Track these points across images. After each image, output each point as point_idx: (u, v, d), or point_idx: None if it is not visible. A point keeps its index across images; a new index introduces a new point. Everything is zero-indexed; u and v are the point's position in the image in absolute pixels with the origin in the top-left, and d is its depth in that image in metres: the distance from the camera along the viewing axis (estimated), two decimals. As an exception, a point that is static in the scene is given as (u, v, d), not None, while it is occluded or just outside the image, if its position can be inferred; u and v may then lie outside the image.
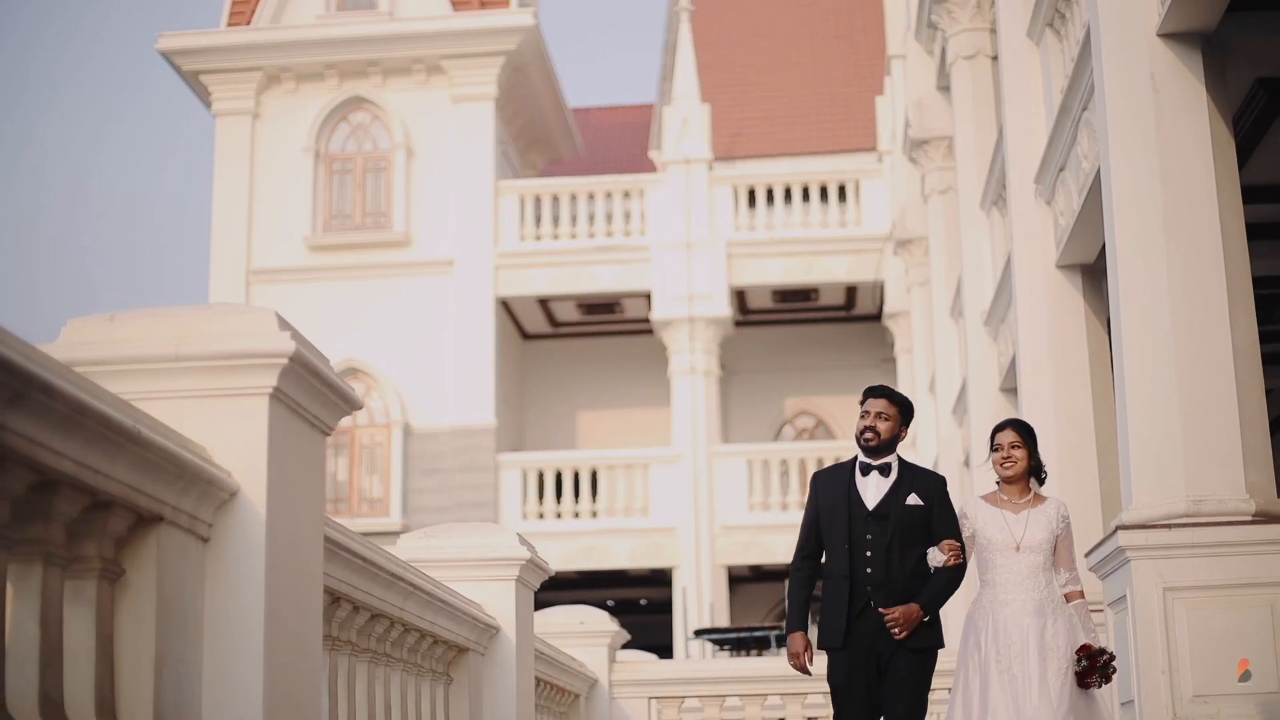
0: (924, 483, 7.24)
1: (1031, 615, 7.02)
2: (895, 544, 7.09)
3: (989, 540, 7.18)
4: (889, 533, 7.10)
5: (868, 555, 7.10)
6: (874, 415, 7.27)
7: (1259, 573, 7.97)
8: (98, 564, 3.89)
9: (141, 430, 3.78)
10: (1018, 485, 7.28)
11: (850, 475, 7.29)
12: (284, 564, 4.51)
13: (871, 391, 7.36)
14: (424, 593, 6.65)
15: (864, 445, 7.27)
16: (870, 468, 7.26)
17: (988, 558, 7.20)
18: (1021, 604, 7.05)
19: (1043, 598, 7.06)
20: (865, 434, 7.25)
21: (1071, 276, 12.47)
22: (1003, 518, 7.18)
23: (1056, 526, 7.16)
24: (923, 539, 7.13)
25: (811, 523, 7.33)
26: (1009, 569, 7.10)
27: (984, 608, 7.17)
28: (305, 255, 27.76)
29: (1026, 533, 7.12)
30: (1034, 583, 7.08)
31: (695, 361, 27.53)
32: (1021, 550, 7.10)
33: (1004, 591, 7.11)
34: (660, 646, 26.67)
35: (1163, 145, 8.63)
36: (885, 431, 7.23)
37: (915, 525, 7.14)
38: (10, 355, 3.23)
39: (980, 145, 16.56)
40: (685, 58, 28.96)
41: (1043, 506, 7.22)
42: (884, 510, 7.15)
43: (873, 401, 7.30)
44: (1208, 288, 8.50)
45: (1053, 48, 12.37)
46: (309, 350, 4.49)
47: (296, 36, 28.00)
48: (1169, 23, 8.72)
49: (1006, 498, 7.28)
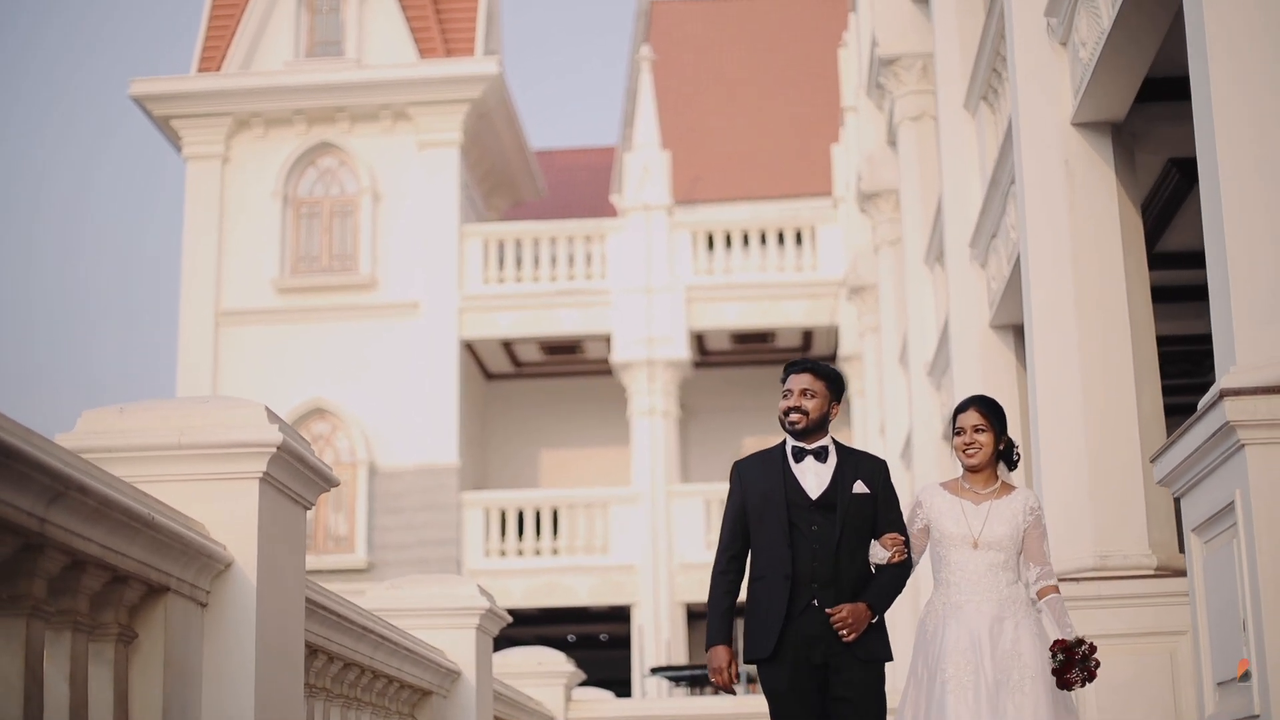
0: (868, 468, 6.42)
1: (989, 619, 6.20)
2: (844, 538, 6.26)
3: (943, 534, 6.38)
4: (837, 525, 6.26)
5: (815, 549, 6.24)
6: (798, 393, 6.39)
7: (1160, 623, 8.65)
8: (115, 629, 4.54)
9: (155, 517, 4.44)
10: (984, 473, 6.44)
11: (783, 462, 6.42)
12: (271, 624, 5.17)
13: (792, 367, 6.49)
14: (391, 642, 7.31)
15: (790, 428, 6.40)
16: (804, 453, 6.40)
17: (942, 554, 6.40)
18: (977, 606, 6.24)
19: (1003, 599, 6.25)
20: (791, 415, 6.38)
21: (1004, 336, 13.20)
22: (960, 509, 6.37)
23: (1023, 521, 6.33)
24: (866, 530, 6.35)
25: (737, 518, 6.45)
26: (964, 567, 6.30)
27: (937, 611, 6.36)
28: (273, 297, 28.37)
29: (986, 527, 6.31)
30: (992, 582, 6.27)
31: (654, 403, 28.24)
32: (979, 546, 6.30)
33: (959, 592, 6.31)
34: (620, 681, 27.35)
35: (1075, 226, 9.37)
36: (814, 410, 6.36)
37: (863, 516, 6.33)
38: (52, 462, 3.89)
39: (924, 203, 17.29)
40: (646, 106, 29.71)
41: (1009, 498, 6.38)
42: (829, 500, 6.31)
43: (795, 378, 6.44)
44: (1116, 358, 9.22)
45: (986, 120, 13.12)
46: (294, 439, 5.16)
47: (266, 83, 28.65)
48: (1082, 113, 9.46)
49: (969, 486, 6.46)
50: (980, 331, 13.35)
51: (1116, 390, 9.19)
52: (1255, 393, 5.24)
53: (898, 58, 17.72)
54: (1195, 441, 5.64)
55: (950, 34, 14.26)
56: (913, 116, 17.68)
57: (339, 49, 29.30)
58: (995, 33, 11.84)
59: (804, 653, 6.18)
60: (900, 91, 17.87)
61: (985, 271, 13.41)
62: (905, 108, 17.82)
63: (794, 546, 6.25)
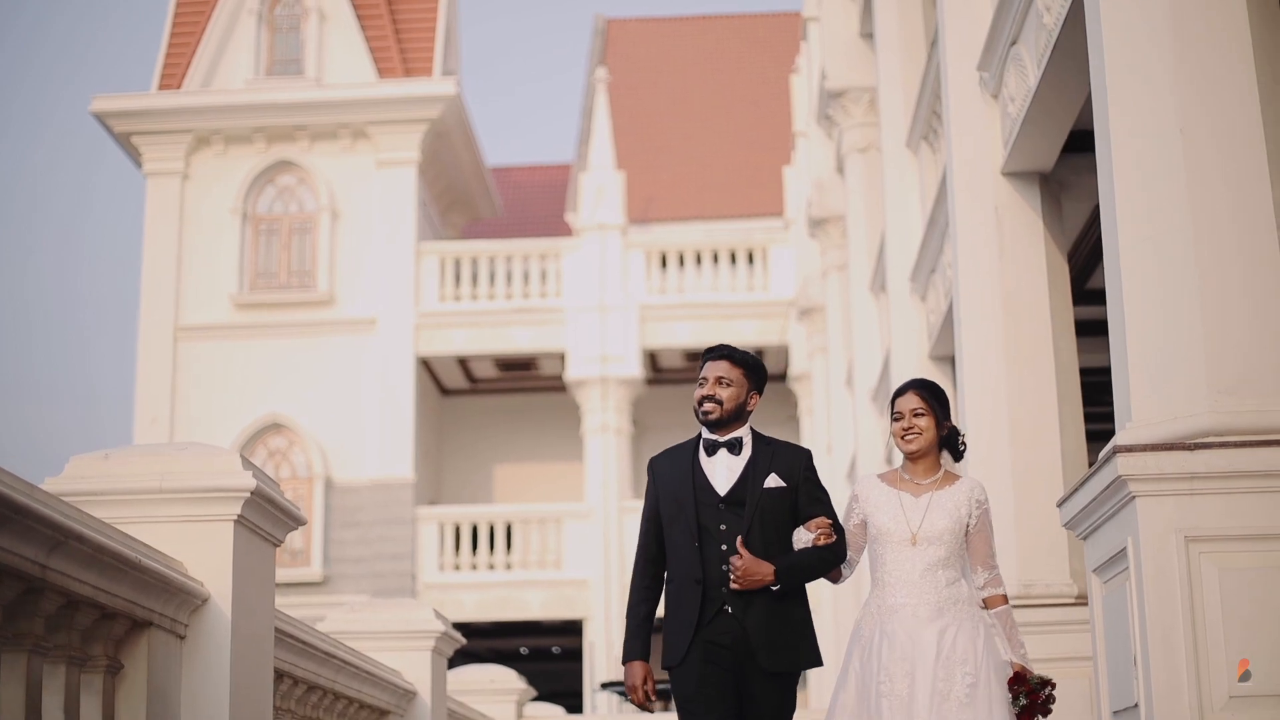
0: (785, 460, 5.93)
1: (928, 621, 5.72)
2: (755, 536, 5.79)
3: (879, 530, 5.89)
4: (746, 523, 5.80)
5: (722, 550, 5.80)
6: (713, 382, 5.94)
7: (1079, 649, 9.13)
8: (104, 661, 4.98)
9: (142, 560, 4.88)
10: (924, 461, 5.94)
11: (694, 456, 5.97)
12: (244, 653, 5.61)
13: (709, 353, 6.02)
14: (352, 666, 7.75)
15: (703, 418, 5.94)
16: (716, 445, 5.94)
17: (879, 552, 5.91)
18: (914, 609, 5.75)
19: (943, 599, 5.76)
20: (704, 405, 5.92)
21: (942, 367, 13.70)
22: (898, 502, 5.88)
23: (967, 514, 5.84)
24: (787, 527, 5.87)
25: (652, 518, 6.01)
26: (901, 565, 5.81)
27: (871, 614, 5.88)
28: (232, 313, 28.71)
29: (926, 520, 5.82)
30: (931, 582, 5.77)
31: (607, 420, 28.72)
32: (918, 542, 5.80)
33: (894, 594, 5.81)
34: (571, 694, 27.82)
35: (1004, 270, 9.88)
36: (729, 400, 5.91)
37: (778, 512, 5.85)
38: (53, 515, 4.33)
39: (870, 233, 17.79)
40: (601, 127, 30.20)
41: (951, 489, 5.89)
42: (738, 495, 5.85)
43: (711, 365, 5.99)
44: (1041, 397, 9.73)
45: (927, 159, 13.64)
46: (266, 483, 5.60)
47: (226, 101, 29.00)
48: (1011, 163, 9.97)
49: (908, 476, 5.96)
50: (920, 361, 13.85)
51: (1041, 427, 9.70)
52: (1145, 449, 5.75)
53: (845, 91, 18.22)
54: (1094, 491, 6.14)
55: (894, 74, 14.78)
56: (860, 148, 18.19)
57: (299, 68, 29.66)
58: (934, 77, 12.35)
59: (714, 660, 5.77)
60: (848, 123, 18.38)
61: (925, 304, 13.92)
62: (853, 139, 18.33)
63: (702, 547, 5.82)
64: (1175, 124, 6.13)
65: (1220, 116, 6.15)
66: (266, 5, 29.80)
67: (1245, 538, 5.68)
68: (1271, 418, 5.80)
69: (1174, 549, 5.69)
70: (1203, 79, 6.19)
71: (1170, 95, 6.18)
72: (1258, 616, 5.61)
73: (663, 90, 37.30)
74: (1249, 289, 5.98)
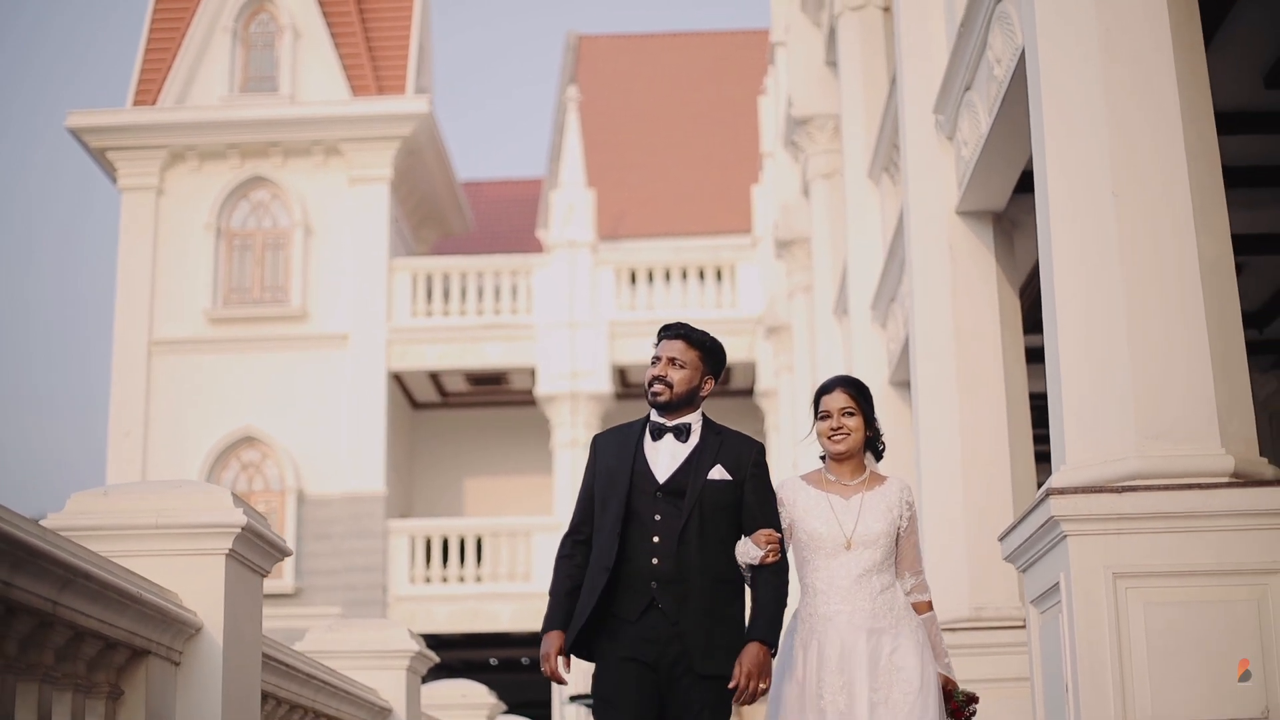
0: (734, 451, 5.60)
1: (864, 630, 5.56)
2: (693, 530, 5.47)
3: (810, 535, 5.68)
4: (684, 515, 5.48)
5: (654, 542, 5.47)
6: (665, 362, 5.63)
7: (1027, 670, 9.57)
8: (106, 688, 5.35)
9: (143, 594, 5.25)
10: (851, 462, 5.80)
11: (638, 438, 5.66)
12: (234, 678, 5.99)
13: (664, 332, 5.74)
14: (331, 686, 8.13)
15: (652, 399, 5.64)
16: (663, 430, 5.63)
17: (808, 557, 5.70)
18: (849, 616, 5.58)
19: (878, 607, 5.59)
20: (654, 386, 5.63)
21: (901, 393, 14.12)
22: (828, 505, 5.69)
23: (899, 515, 5.71)
24: (730, 524, 5.55)
25: (587, 497, 5.73)
26: (834, 571, 5.63)
27: (804, 621, 5.68)
28: (205, 327, 29.02)
29: (860, 523, 5.65)
30: (865, 588, 5.60)
31: (577, 434, 29.11)
32: (853, 546, 5.63)
33: (827, 601, 5.62)
34: (540, 704, 28.15)
35: (957, 306, 10.30)
36: (680, 382, 5.60)
37: (719, 507, 5.53)
38: (64, 555, 4.70)
39: (834, 258, 18.18)
40: (572, 145, 30.60)
41: (881, 489, 5.77)
42: (678, 485, 5.53)
43: (665, 344, 5.69)
44: (992, 428, 10.16)
45: (888, 190, 14.07)
46: (255, 519, 5.98)
47: (200, 117, 29.32)
48: (966, 202, 10.40)
49: (834, 478, 5.78)
50: (880, 387, 14.25)
51: (993, 456, 10.12)
52: (1076, 492, 6.17)
53: (811, 118, 18.64)
54: (1030, 529, 6.56)
55: (856, 106, 15.20)
56: (825, 174, 18.60)
57: (273, 85, 29.99)
58: (894, 112, 12.77)
59: (638, 661, 5.43)
60: (813, 149, 18.80)
61: (885, 331, 14.34)
62: (818, 165, 18.74)
63: (625, 537, 5.50)
64: (1108, 185, 6.55)
65: (1151, 177, 6.57)
66: (241, 22, 30.14)
67: (1168, 574, 6.11)
68: (1194, 462, 6.23)
69: (1103, 584, 6.12)
70: (1133, 142, 6.61)
71: (1104, 158, 6.60)
72: (1179, 647, 6.03)
73: (633, 106, 37.74)
74: (1175, 340, 6.41)
